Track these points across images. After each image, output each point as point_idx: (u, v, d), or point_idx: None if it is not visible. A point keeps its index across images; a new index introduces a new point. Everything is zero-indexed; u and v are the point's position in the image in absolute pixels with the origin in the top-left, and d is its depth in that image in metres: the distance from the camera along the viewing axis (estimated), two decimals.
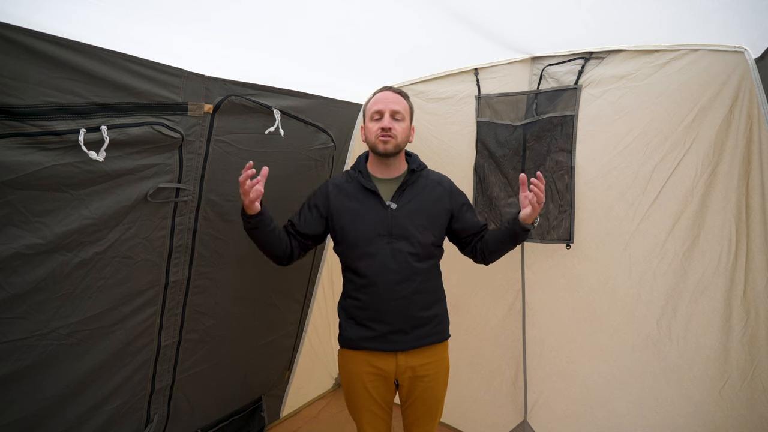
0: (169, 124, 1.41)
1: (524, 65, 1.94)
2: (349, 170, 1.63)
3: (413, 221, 1.50)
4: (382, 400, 1.57)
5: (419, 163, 1.61)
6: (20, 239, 1.15)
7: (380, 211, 1.50)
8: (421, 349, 1.51)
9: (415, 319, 1.49)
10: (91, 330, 1.39)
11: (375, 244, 1.49)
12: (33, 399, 1.30)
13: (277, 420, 2.49)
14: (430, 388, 1.55)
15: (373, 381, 1.53)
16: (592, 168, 1.84)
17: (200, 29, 1.37)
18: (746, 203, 1.58)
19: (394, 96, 1.54)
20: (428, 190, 1.57)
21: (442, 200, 1.58)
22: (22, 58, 1.05)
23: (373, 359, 1.52)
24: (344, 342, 1.57)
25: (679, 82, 1.62)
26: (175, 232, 1.57)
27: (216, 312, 1.83)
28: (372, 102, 1.55)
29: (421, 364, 1.52)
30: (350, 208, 1.53)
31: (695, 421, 1.75)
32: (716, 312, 1.67)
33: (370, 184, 1.52)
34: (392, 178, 1.57)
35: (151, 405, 1.70)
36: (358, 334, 1.52)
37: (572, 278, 1.97)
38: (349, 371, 1.58)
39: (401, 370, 1.51)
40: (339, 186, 1.59)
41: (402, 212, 1.50)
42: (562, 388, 2.08)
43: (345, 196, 1.56)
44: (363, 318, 1.51)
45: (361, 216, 1.51)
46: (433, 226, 1.54)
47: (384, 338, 1.49)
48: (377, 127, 1.50)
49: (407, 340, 1.49)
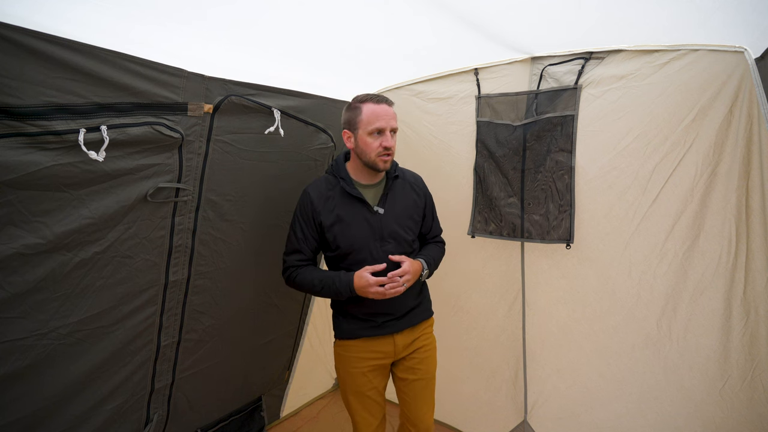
0: (169, 124, 1.41)
1: (524, 65, 1.94)
2: (329, 176, 1.63)
3: (399, 223, 1.61)
4: (379, 385, 1.68)
5: (397, 166, 1.67)
6: (20, 239, 1.16)
7: (369, 217, 1.57)
8: (412, 328, 1.67)
9: (407, 306, 1.64)
10: (90, 329, 1.40)
11: (367, 247, 1.56)
12: (32, 398, 1.30)
13: (277, 420, 2.49)
14: (426, 358, 1.70)
15: (372, 368, 1.64)
16: (592, 168, 1.84)
17: (200, 28, 1.37)
18: (746, 203, 1.58)
19: (393, 112, 1.55)
20: (407, 191, 1.68)
21: (419, 200, 1.71)
22: (22, 58, 1.06)
23: (372, 345, 1.63)
24: (342, 333, 1.65)
25: (679, 82, 1.62)
26: (174, 232, 1.57)
27: (215, 312, 1.84)
28: (370, 114, 1.51)
29: (416, 338, 1.69)
30: (340, 216, 1.56)
31: (695, 421, 1.75)
32: (716, 312, 1.67)
33: (355, 192, 1.56)
34: (374, 184, 1.63)
35: (151, 404, 1.70)
36: (358, 326, 1.62)
37: (572, 278, 1.97)
38: (347, 359, 1.65)
39: (399, 349, 1.65)
40: (322, 195, 1.59)
41: (389, 216, 1.59)
42: (562, 388, 2.08)
43: (331, 204, 1.57)
44: (360, 313, 1.61)
45: (352, 224, 1.56)
46: (414, 224, 1.67)
47: (381, 326, 1.61)
48: (378, 144, 1.51)
49: (401, 324, 1.64)
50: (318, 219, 1.57)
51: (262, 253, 1.96)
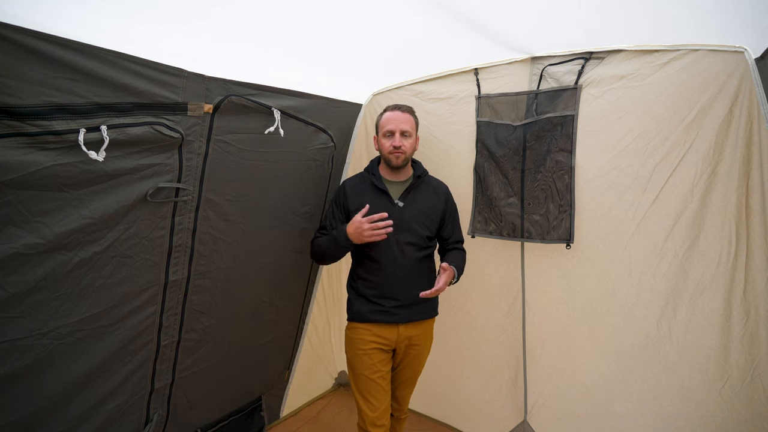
0: (169, 123, 1.41)
1: (524, 65, 1.94)
2: (363, 172, 1.91)
3: (415, 218, 1.79)
4: (383, 368, 1.80)
5: (423, 170, 1.91)
6: (20, 239, 1.16)
7: (389, 208, 1.77)
8: (416, 322, 1.83)
9: (415, 296, 1.74)
10: (90, 329, 1.40)
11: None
12: (32, 398, 1.30)
13: (277, 420, 2.49)
14: (419, 354, 1.89)
15: (376, 353, 1.79)
16: (592, 168, 1.84)
17: (200, 28, 1.37)
18: (746, 203, 1.58)
19: (404, 116, 1.81)
20: (429, 193, 1.88)
21: (439, 203, 1.88)
22: (22, 58, 1.06)
23: (378, 330, 1.79)
24: (354, 315, 1.83)
25: (679, 82, 1.62)
26: (174, 232, 1.57)
27: (215, 311, 1.84)
28: (384, 120, 1.82)
29: (416, 334, 1.84)
30: (364, 204, 1.76)
31: (695, 421, 1.75)
32: (716, 312, 1.67)
33: (381, 185, 1.81)
34: (400, 181, 1.86)
35: (151, 404, 1.71)
36: (368, 308, 1.79)
37: (572, 278, 1.97)
38: (354, 341, 1.81)
39: (401, 339, 1.81)
40: (354, 185, 1.88)
41: (407, 210, 1.80)
42: (562, 388, 2.08)
43: (359, 193, 1.83)
44: (372, 295, 1.79)
45: (373, 211, 1.74)
46: (430, 223, 1.83)
47: (389, 312, 1.77)
48: (389, 144, 1.78)
49: (407, 315, 1.80)
50: (346, 204, 1.83)
51: (262, 253, 1.96)
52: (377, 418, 1.75)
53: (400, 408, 2.00)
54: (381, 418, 1.77)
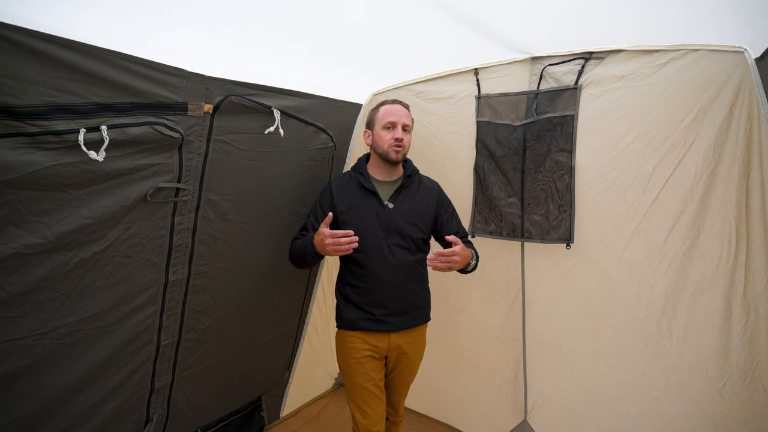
0: (169, 123, 1.41)
1: (524, 65, 1.94)
2: (350, 171, 1.80)
3: (407, 219, 1.70)
4: (376, 376, 1.74)
5: (414, 168, 1.82)
6: (20, 239, 1.16)
7: (379, 210, 1.69)
8: (408, 330, 1.75)
9: (407, 304, 1.71)
10: (90, 329, 1.40)
11: (374, 237, 1.66)
12: (32, 398, 1.30)
13: (277, 420, 2.49)
14: (411, 363, 1.81)
15: (369, 361, 1.72)
16: (592, 168, 1.84)
17: (200, 28, 1.37)
18: (746, 203, 1.58)
19: (405, 110, 1.73)
20: (420, 193, 1.78)
21: (430, 204, 1.78)
22: (22, 58, 1.06)
23: (369, 338, 1.71)
24: (343, 323, 1.74)
25: (679, 82, 1.62)
26: (174, 232, 1.57)
27: (215, 311, 1.84)
28: (384, 112, 1.71)
29: (408, 342, 1.76)
30: (352, 205, 1.70)
31: (695, 421, 1.75)
32: (716, 312, 1.67)
33: (370, 185, 1.71)
34: (390, 181, 1.76)
35: (151, 404, 1.71)
36: (357, 315, 1.70)
37: (572, 278, 1.97)
38: (346, 350, 1.73)
39: (392, 347, 1.73)
40: (341, 186, 1.77)
41: (398, 211, 1.70)
42: (562, 388, 2.08)
43: (347, 195, 1.73)
44: (361, 303, 1.70)
45: (361, 213, 1.69)
46: (422, 224, 1.74)
47: (379, 321, 1.69)
48: (391, 137, 1.68)
49: (398, 323, 1.71)
50: (333, 206, 1.72)
51: (261, 253, 1.96)
52: (372, 425, 1.71)
53: (396, 413, 1.93)
54: (375, 425, 1.72)
